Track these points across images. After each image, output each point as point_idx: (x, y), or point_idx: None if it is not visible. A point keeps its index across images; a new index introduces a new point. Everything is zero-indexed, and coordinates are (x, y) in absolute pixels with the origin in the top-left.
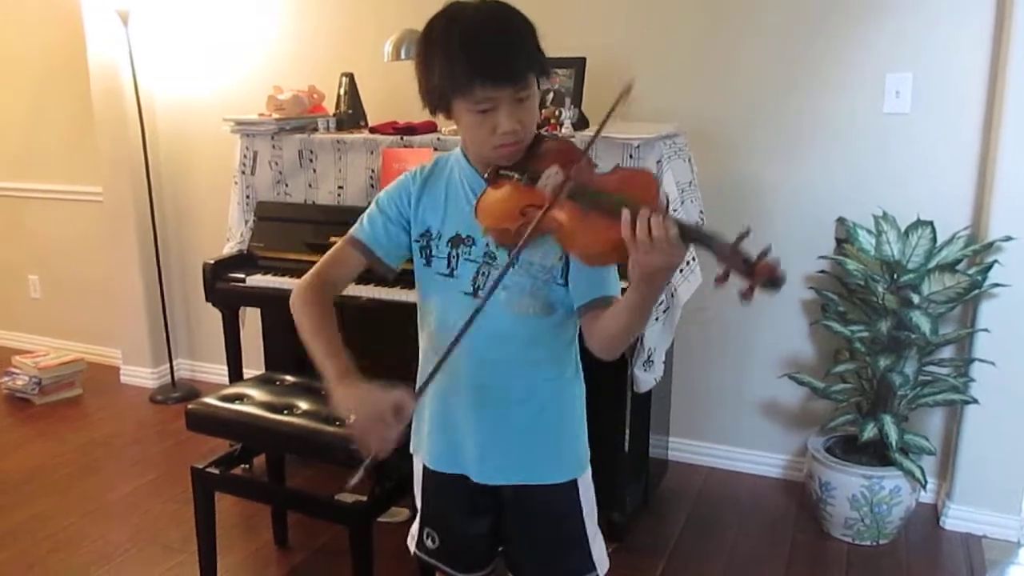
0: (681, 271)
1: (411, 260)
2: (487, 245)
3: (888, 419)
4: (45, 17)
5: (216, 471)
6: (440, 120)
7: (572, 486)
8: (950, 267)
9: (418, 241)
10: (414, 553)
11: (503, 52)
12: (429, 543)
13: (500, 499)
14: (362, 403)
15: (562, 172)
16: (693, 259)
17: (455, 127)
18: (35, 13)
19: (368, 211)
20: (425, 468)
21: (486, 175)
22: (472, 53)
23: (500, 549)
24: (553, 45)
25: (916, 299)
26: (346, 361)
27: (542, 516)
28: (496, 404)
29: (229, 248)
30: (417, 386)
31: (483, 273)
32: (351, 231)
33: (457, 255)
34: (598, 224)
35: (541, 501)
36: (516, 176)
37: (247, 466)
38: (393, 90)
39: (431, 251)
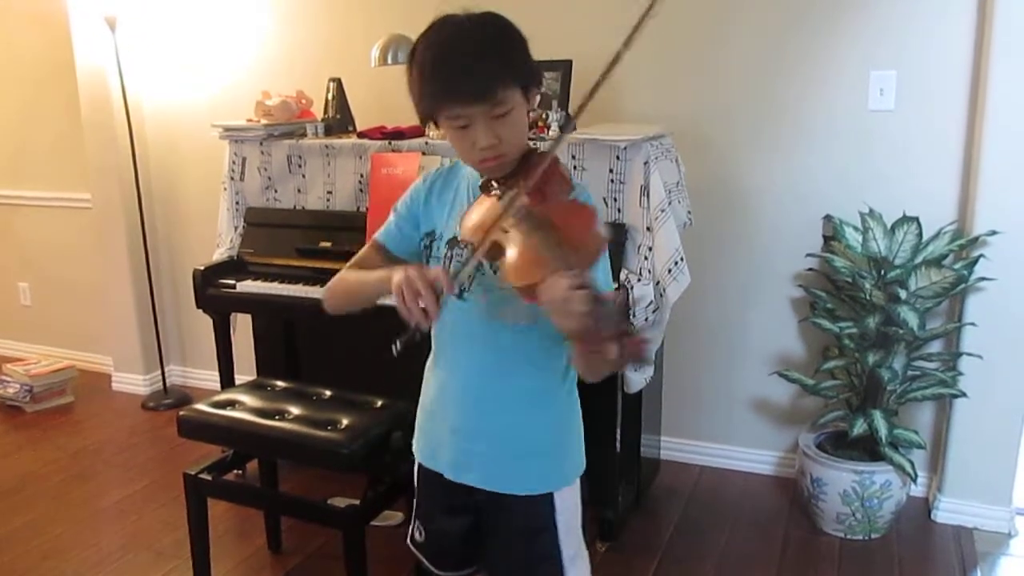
0: (670, 271)
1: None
2: None
3: (878, 414)
4: (32, 24)
5: (208, 477)
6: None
7: (546, 500)
8: (936, 262)
9: (423, 240)
10: (408, 544)
11: (473, 70)
12: (417, 535)
13: (476, 502)
14: (404, 278)
15: (523, 193)
16: (681, 259)
17: (444, 132)
18: (22, 20)
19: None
20: (417, 461)
21: (479, 184)
22: (442, 73)
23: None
24: (539, 48)
25: (903, 295)
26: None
27: (514, 527)
28: (472, 406)
29: (219, 254)
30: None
31: (469, 276)
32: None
33: (451, 257)
34: (526, 257)
35: (513, 511)
36: (496, 190)
37: (240, 471)
38: (381, 95)
39: (431, 251)
